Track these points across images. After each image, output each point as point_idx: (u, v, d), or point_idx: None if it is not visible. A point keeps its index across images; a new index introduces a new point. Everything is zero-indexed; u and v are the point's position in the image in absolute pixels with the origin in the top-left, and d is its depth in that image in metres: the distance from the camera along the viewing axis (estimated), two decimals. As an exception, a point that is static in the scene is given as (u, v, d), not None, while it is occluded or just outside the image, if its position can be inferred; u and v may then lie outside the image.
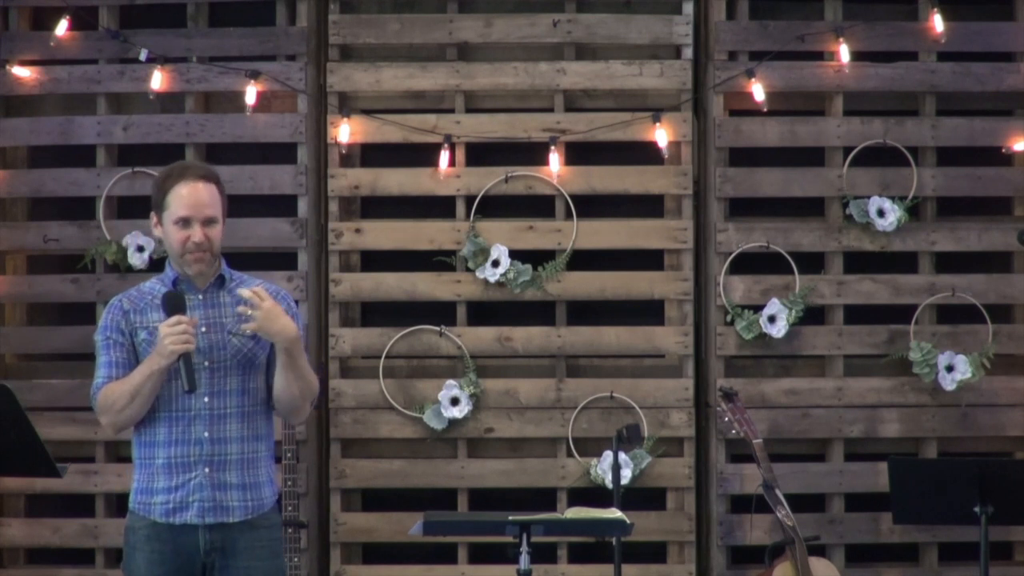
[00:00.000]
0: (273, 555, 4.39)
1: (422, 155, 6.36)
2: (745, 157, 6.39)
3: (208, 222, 4.30)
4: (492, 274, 6.29)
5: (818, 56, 6.38)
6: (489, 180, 6.34)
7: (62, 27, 6.31)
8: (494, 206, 6.39)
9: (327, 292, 6.37)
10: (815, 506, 6.33)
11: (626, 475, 6.13)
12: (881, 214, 6.28)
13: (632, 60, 6.38)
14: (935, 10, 6.30)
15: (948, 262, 6.38)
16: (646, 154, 6.36)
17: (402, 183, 6.39)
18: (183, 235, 4.29)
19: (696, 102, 6.40)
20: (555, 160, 6.30)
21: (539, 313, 6.40)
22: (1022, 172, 6.44)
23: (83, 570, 6.33)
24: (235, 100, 6.33)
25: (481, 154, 6.39)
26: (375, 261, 6.43)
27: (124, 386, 4.25)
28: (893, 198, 6.30)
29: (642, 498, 6.26)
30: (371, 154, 6.49)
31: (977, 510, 5.31)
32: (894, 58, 6.37)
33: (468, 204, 6.35)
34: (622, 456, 6.06)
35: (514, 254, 6.31)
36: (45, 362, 6.46)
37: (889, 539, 6.32)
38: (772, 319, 6.26)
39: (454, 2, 6.42)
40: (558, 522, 4.31)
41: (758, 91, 6.27)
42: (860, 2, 6.43)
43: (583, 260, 6.36)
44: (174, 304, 4.24)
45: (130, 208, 6.33)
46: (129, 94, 6.40)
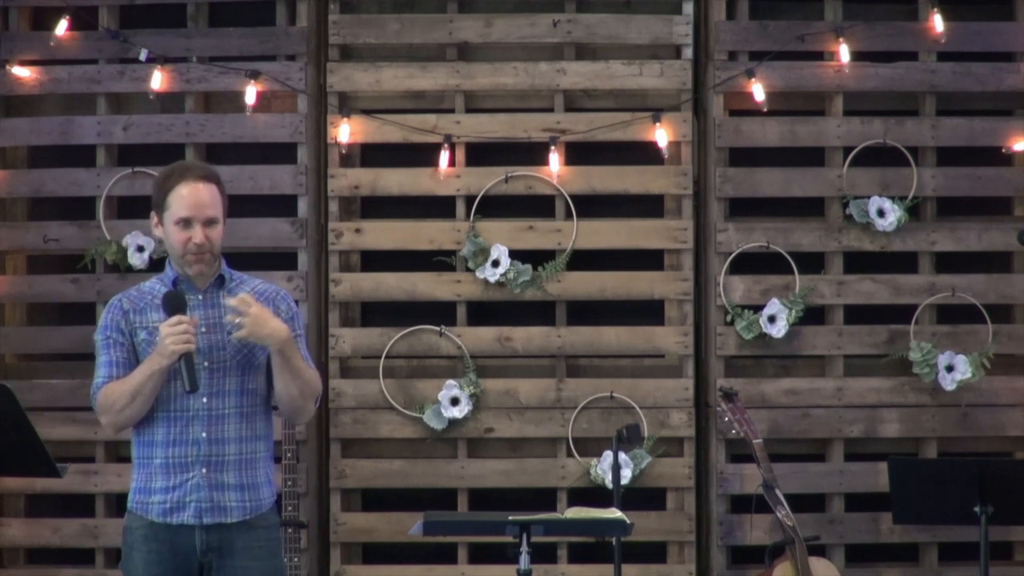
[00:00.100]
0: (271, 555, 4.38)
1: (422, 155, 6.36)
2: (745, 157, 6.39)
3: (209, 223, 4.29)
4: (492, 274, 6.29)
5: (818, 56, 6.38)
6: (489, 180, 6.34)
7: (62, 27, 6.31)
8: (494, 206, 6.38)
9: (327, 292, 6.37)
10: (815, 506, 6.33)
11: (626, 475, 6.13)
12: (881, 214, 6.27)
13: (632, 60, 6.37)
14: (935, 10, 6.30)
15: (948, 262, 6.38)
16: (646, 154, 6.36)
17: (402, 183, 6.38)
18: (184, 235, 4.29)
19: (696, 102, 6.40)
20: (555, 160, 6.30)
21: (539, 313, 6.40)
22: (1022, 172, 6.43)
23: (83, 570, 6.33)
24: (235, 100, 6.33)
25: (481, 154, 6.39)
26: (375, 261, 6.43)
27: (124, 386, 4.24)
28: (893, 198, 6.30)
29: (642, 498, 6.26)
30: (371, 154, 6.49)
31: (977, 510, 5.31)
32: (894, 58, 6.37)
33: (468, 204, 6.35)
34: (622, 456, 6.06)
35: (514, 254, 6.31)
36: (45, 362, 6.46)
37: (889, 539, 6.32)
38: (772, 319, 6.26)
39: (454, 2, 6.42)
40: (558, 522, 4.31)
41: (758, 91, 6.27)
42: (860, 2, 6.43)
43: (583, 260, 6.35)
44: (175, 304, 4.24)
45: (130, 208, 6.33)
46: (129, 94, 6.40)
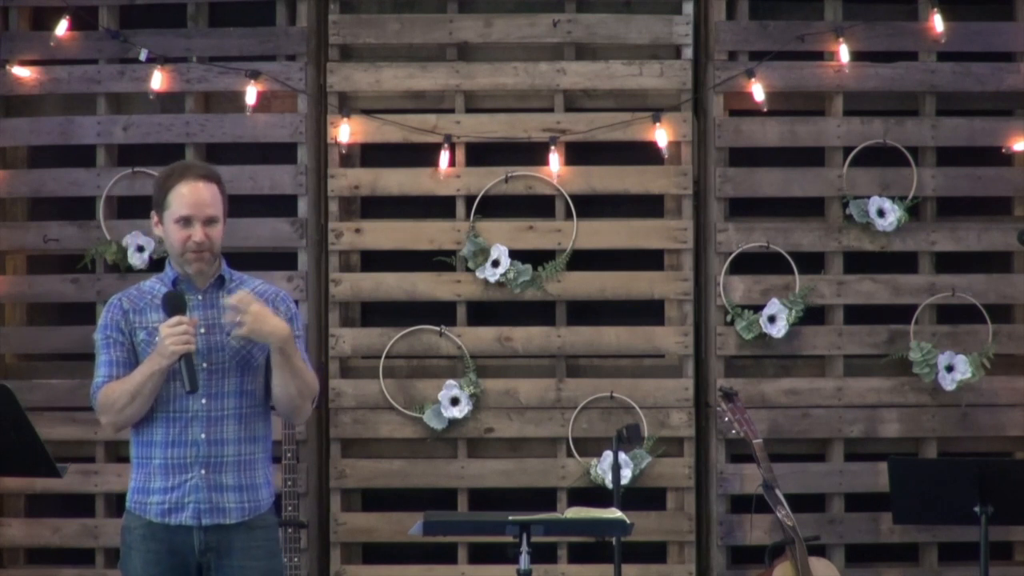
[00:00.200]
0: (269, 555, 4.38)
1: (422, 155, 6.36)
2: (745, 157, 6.39)
3: (209, 221, 4.29)
4: (492, 274, 6.29)
5: (818, 56, 6.38)
6: (489, 180, 6.34)
7: (62, 27, 6.30)
8: (494, 206, 6.38)
9: (327, 292, 6.37)
10: (815, 506, 6.33)
11: (626, 475, 6.13)
12: (881, 214, 6.27)
13: (632, 60, 6.37)
14: (935, 10, 6.30)
15: (948, 262, 6.38)
16: (646, 154, 6.36)
17: (402, 183, 6.38)
18: (184, 234, 4.29)
19: (696, 102, 6.40)
20: (555, 160, 6.30)
21: (539, 313, 6.40)
22: (1022, 172, 6.43)
23: (83, 570, 6.33)
24: (235, 100, 6.33)
25: (481, 154, 6.39)
26: (375, 261, 6.43)
27: (124, 386, 4.24)
28: (893, 198, 6.29)
29: (642, 498, 6.26)
30: (371, 154, 6.48)
31: (977, 510, 5.31)
32: (894, 58, 6.37)
33: (468, 204, 6.35)
34: (622, 456, 6.06)
35: (514, 254, 6.31)
36: (45, 362, 6.45)
37: (889, 539, 6.32)
38: (772, 319, 6.26)
39: (454, 2, 6.42)
40: (558, 522, 4.31)
41: (758, 91, 6.27)
42: (860, 2, 6.43)
43: (583, 260, 6.35)
44: (174, 304, 4.24)
45: (130, 208, 6.33)
46: (129, 94, 6.40)
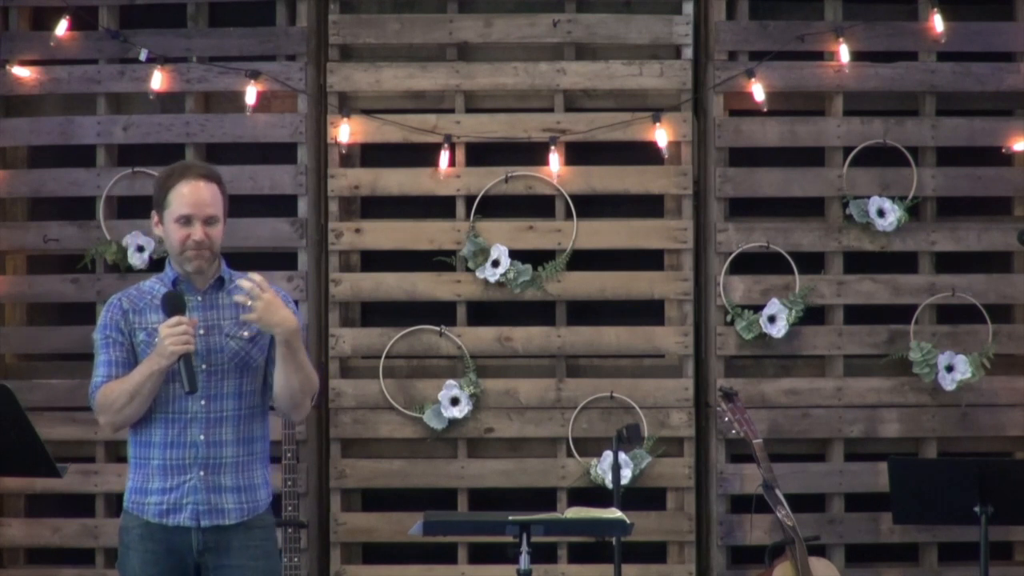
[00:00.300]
0: (267, 555, 4.38)
1: (422, 155, 6.36)
2: (745, 157, 6.39)
3: (209, 221, 4.29)
4: (492, 274, 6.29)
5: (818, 56, 6.38)
6: (489, 180, 6.34)
7: (62, 27, 6.30)
8: (494, 206, 6.38)
9: (327, 292, 6.37)
10: (815, 506, 6.33)
11: (626, 475, 6.13)
12: (881, 214, 6.27)
13: (632, 60, 6.37)
14: (935, 10, 6.30)
15: (948, 262, 6.38)
16: (646, 154, 6.36)
17: (402, 183, 6.38)
18: (183, 233, 4.28)
19: (696, 102, 6.40)
20: (555, 160, 6.30)
21: (539, 313, 6.40)
22: (1022, 172, 6.43)
23: (83, 570, 6.33)
24: (235, 100, 6.33)
25: (481, 154, 6.39)
26: (375, 261, 6.43)
27: (123, 386, 4.24)
28: (893, 198, 6.29)
29: (642, 498, 6.26)
30: (371, 154, 6.49)
31: (977, 510, 5.31)
32: (894, 58, 6.37)
33: (468, 204, 6.35)
34: (622, 456, 6.06)
35: (514, 254, 6.31)
36: (45, 362, 6.45)
37: (889, 539, 6.32)
38: (772, 319, 6.25)
39: (454, 2, 6.42)
40: (558, 522, 4.31)
41: (758, 91, 6.27)
42: (860, 2, 6.43)
43: (583, 260, 6.35)
44: (174, 305, 4.23)
45: (130, 208, 6.33)
46: (129, 94, 6.40)
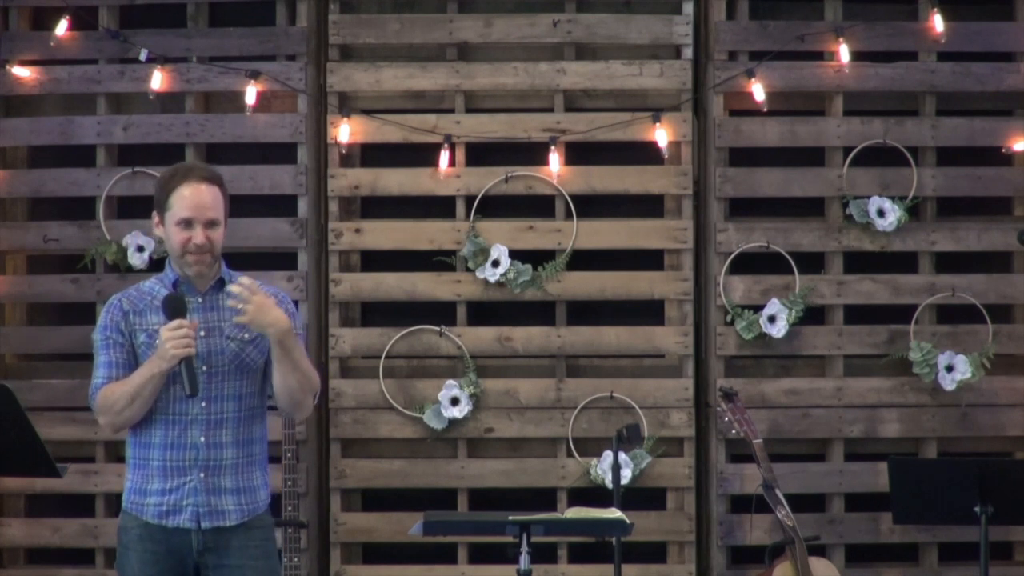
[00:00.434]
0: (266, 555, 4.39)
1: (422, 155, 6.36)
2: (745, 157, 6.39)
3: (210, 224, 4.29)
4: (492, 274, 6.29)
5: (818, 56, 6.38)
6: (489, 180, 6.34)
7: (62, 27, 6.30)
8: (494, 206, 6.38)
9: (327, 292, 6.37)
10: (815, 506, 6.33)
11: (626, 475, 6.13)
12: (881, 214, 6.27)
13: (632, 60, 6.37)
14: (935, 10, 6.30)
15: (948, 262, 6.38)
16: (646, 154, 6.36)
17: (402, 183, 6.38)
18: (184, 236, 4.28)
19: (696, 102, 6.40)
20: (555, 160, 6.30)
21: (539, 313, 6.40)
22: (1022, 172, 6.43)
23: (83, 570, 6.33)
24: (235, 100, 6.33)
25: (481, 154, 6.39)
26: (375, 261, 6.43)
27: (124, 387, 4.24)
28: (893, 198, 6.29)
29: (642, 498, 6.26)
30: (371, 154, 6.49)
31: (977, 510, 5.31)
32: (894, 58, 6.37)
33: (468, 204, 6.35)
34: (622, 456, 6.06)
35: (514, 254, 6.31)
36: (45, 362, 6.46)
37: (889, 539, 6.32)
38: (772, 319, 6.26)
39: (454, 2, 6.42)
40: (558, 522, 4.31)
41: (758, 91, 6.27)
42: (860, 2, 6.43)
43: (583, 260, 6.35)
44: (175, 307, 4.23)
45: (130, 208, 6.33)
46: (129, 94, 6.40)
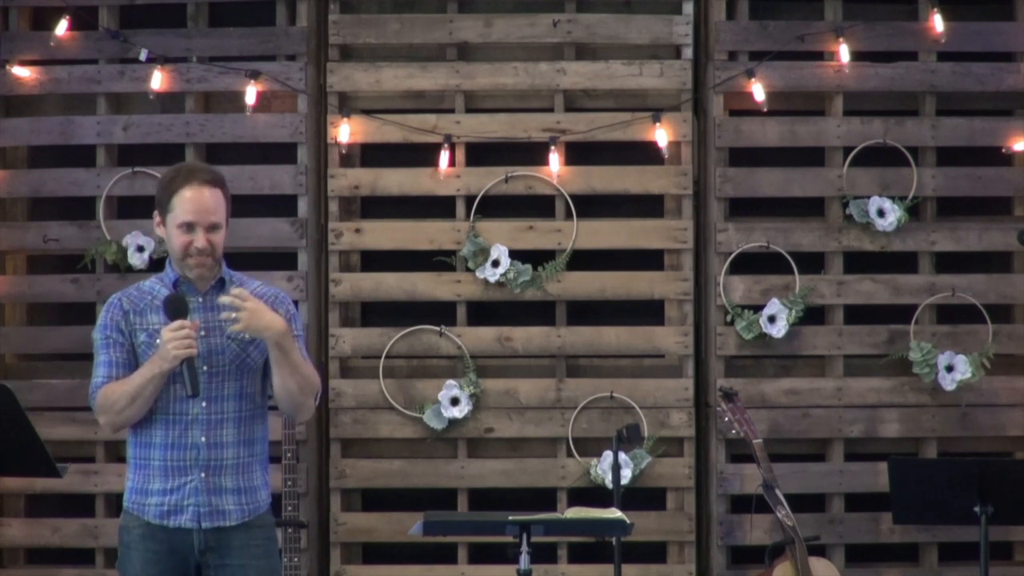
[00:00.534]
0: (267, 554, 4.39)
1: (422, 155, 6.36)
2: (745, 157, 6.39)
3: (212, 228, 4.29)
4: (492, 274, 6.29)
5: (818, 56, 6.38)
6: (489, 180, 6.34)
7: (62, 27, 6.30)
8: (494, 206, 6.38)
9: (327, 292, 6.37)
10: (815, 506, 6.33)
11: (626, 475, 6.13)
12: (881, 214, 6.27)
13: (632, 60, 6.37)
14: (935, 10, 6.30)
15: (948, 262, 6.38)
16: (646, 154, 6.36)
17: (402, 183, 6.38)
18: (186, 239, 4.28)
19: (696, 102, 6.40)
20: (555, 160, 6.30)
21: (539, 313, 6.40)
22: (1022, 172, 6.43)
23: (83, 570, 6.33)
24: (235, 100, 6.33)
25: (481, 154, 6.39)
26: (375, 261, 6.43)
27: (124, 387, 4.24)
28: (893, 198, 6.29)
29: (642, 498, 6.26)
30: (371, 154, 6.49)
31: (977, 510, 5.30)
32: (894, 58, 6.37)
33: (468, 204, 6.35)
34: (622, 456, 6.06)
35: (514, 254, 6.31)
36: (45, 362, 6.46)
37: (889, 539, 6.32)
38: (772, 319, 6.26)
39: (454, 2, 6.42)
40: (558, 522, 4.31)
41: (758, 91, 6.27)
42: (860, 2, 6.43)
43: (583, 260, 6.35)
44: (176, 308, 4.23)
45: (130, 208, 6.33)
46: (129, 94, 6.40)
